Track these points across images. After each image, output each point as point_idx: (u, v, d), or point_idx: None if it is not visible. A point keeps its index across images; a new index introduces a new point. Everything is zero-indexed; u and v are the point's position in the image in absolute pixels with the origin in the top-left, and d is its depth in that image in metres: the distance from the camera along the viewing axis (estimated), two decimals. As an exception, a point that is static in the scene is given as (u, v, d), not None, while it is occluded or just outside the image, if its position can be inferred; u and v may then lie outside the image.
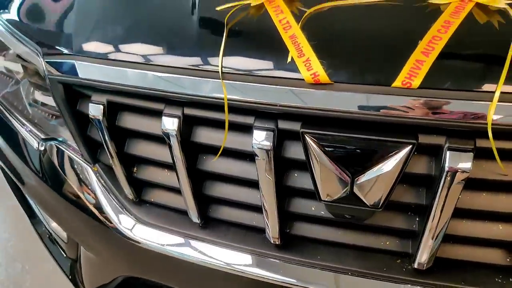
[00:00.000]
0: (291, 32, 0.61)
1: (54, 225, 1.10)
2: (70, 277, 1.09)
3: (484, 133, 0.51)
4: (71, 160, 0.86)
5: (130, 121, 0.72)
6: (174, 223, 0.76)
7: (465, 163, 0.53)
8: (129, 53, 0.68)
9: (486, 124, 0.51)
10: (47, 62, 0.77)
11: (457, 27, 0.56)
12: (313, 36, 0.59)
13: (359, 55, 0.57)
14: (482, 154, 0.55)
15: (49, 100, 0.92)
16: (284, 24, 0.62)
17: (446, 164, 0.53)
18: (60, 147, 0.88)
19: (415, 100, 0.53)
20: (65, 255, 1.12)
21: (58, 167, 0.88)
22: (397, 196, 0.60)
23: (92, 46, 0.72)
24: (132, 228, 0.78)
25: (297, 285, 0.68)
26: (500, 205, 0.58)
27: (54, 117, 0.92)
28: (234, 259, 0.71)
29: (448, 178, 0.54)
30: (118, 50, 0.70)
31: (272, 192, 0.63)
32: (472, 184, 0.57)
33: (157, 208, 0.79)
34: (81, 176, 0.84)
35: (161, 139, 0.70)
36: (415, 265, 0.63)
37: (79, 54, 0.72)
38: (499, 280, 0.62)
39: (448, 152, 0.54)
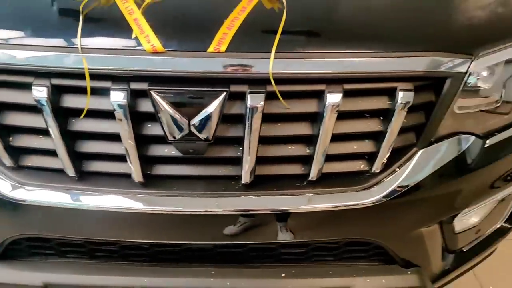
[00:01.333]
0: (134, 16, 0.80)
1: None
2: None
3: (269, 80, 0.78)
4: None
5: (3, 95, 0.84)
6: (53, 180, 0.90)
7: (260, 102, 0.79)
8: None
9: (268, 73, 0.77)
10: None
11: (251, 11, 0.82)
12: (151, 18, 0.79)
13: (184, 31, 0.80)
14: (273, 96, 0.81)
15: None
16: (129, 10, 0.81)
17: (248, 104, 0.79)
18: None
19: (223, 60, 0.77)
20: None
21: None
22: (224, 132, 0.84)
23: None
24: (15, 190, 0.89)
25: (161, 211, 0.88)
26: (289, 131, 0.86)
27: None
28: (108, 200, 0.89)
29: (251, 113, 0.79)
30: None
31: (132, 141, 0.82)
32: (270, 118, 0.84)
33: (35, 170, 0.91)
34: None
35: (34, 108, 0.83)
36: (243, 182, 0.88)
37: None
38: (298, 184, 0.91)
39: (249, 95, 0.79)
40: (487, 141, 0.97)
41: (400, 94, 0.83)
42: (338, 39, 0.82)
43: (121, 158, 0.87)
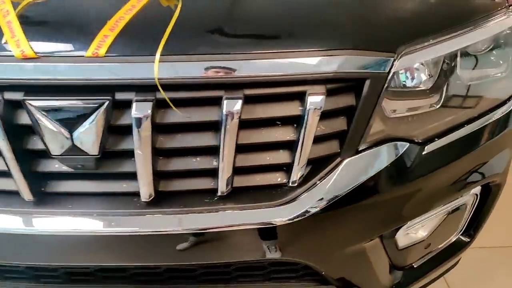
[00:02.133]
0: (8, 18, 0.73)
1: None
2: None
3: (157, 86, 0.69)
4: None
5: None
6: None
7: (147, 110, 0.70)
8: None
9: (154, 79, 0.69)
10: None
11: (143, 10, 0.74)
12: (28, 21, 0.71)
13: (62, 34, 0.72)
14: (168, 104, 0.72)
15: None
16: (4, 12, 0.74)
17: (133, 113, 0.70)
18: None
19: (102, 66, 0.69)
20: None
21: None
22: (114, 145, 0.75)
23: None
24: None
25: (53, 233, 0.80)
26: (192, 142, 0.77)
27: None
28: (-2, 221, 0.81)
29: (137, 124, 0.71)
30: None
31: (11, 156, 0.74)
32: (168, 128, 0.75)
33: None
34: None
35: None
36: (142, 199, 0.79)
37: None
38: (207, 200, 0.82)
39: (135, 104, 0.70)
40: (426, 148, 0.87)
41: (310, 99, 0.73)
42: (237, 39, 0.73)
43: (9, 174, 0.80)
